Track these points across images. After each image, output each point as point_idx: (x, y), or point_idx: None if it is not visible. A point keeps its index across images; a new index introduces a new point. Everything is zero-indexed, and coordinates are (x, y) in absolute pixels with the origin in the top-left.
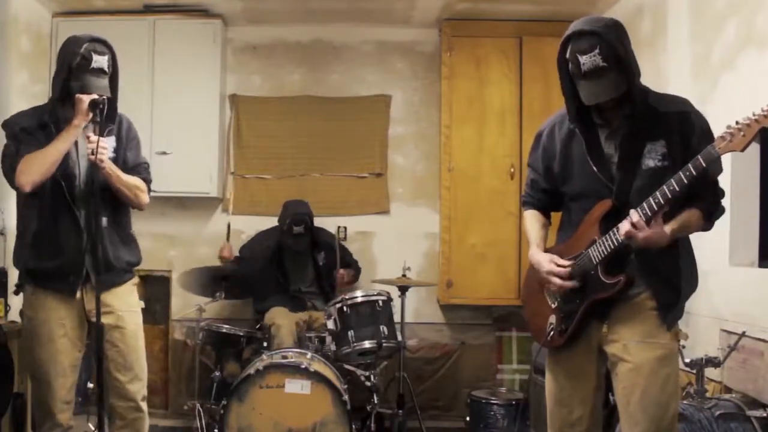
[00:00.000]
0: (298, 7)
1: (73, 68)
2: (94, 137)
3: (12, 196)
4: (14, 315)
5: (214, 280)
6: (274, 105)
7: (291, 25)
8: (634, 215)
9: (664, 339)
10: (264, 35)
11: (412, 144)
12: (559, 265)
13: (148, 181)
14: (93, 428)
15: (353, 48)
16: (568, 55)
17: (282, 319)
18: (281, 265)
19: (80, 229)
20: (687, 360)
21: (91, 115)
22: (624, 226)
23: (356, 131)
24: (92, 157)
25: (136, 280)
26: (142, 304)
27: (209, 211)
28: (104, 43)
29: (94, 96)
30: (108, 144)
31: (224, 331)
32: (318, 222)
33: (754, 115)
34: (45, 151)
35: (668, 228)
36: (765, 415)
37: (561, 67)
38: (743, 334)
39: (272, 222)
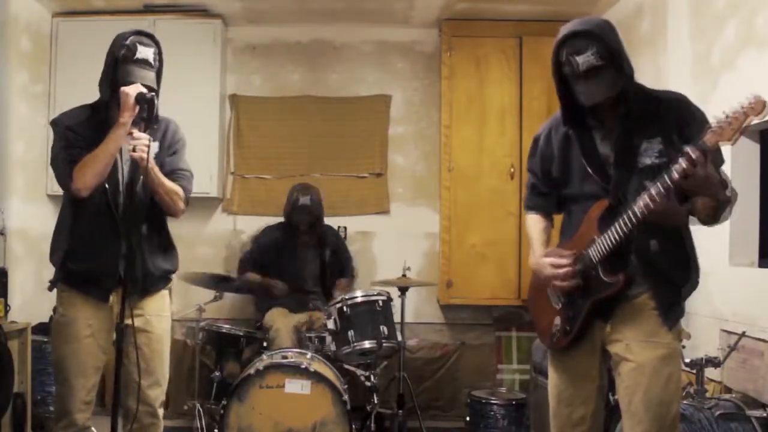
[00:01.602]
0: (298, 7)
1: (118, 60)
2: (139, 134)
3: (12, 196)
4: (14, 315)
5: (215, 281)
6: (274, 105)
7: (291, 25)
8: (695, 151)
9: (666, 338)
10: (264, 35)
11: (412, 144)
12: (558, 265)
13: (187, 190)
14: (94, 429)
15: (353, 48)
16: (562, 58)
17: (281, 323)
18: (291, 258)
19: (118, 235)
20: (687, 360)
21: (137, 109)
22: (681, 165)
23: (356, 131)
24: (134, 154)
25: (170, 285)
26: (172, 308)
27: (209, 211)
28: (150, 36)
29: (141, 89)
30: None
31: (224, 331)
32: None
33: (741, 106)
34: (95, 155)
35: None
36: (765, 415)
37: (555, 71)
38: (743, 334)
39: (273, 221)
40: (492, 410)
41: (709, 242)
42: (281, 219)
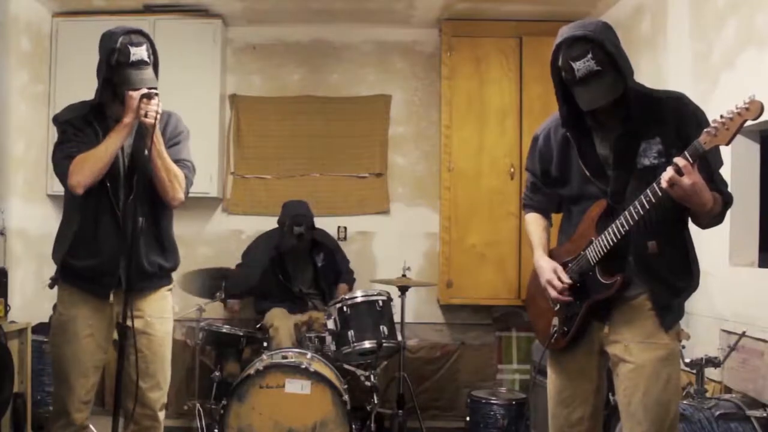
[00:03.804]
0: (298, 7)
1: (112, 65)
2: (152, 100)
3: (12, 196)
4: (14, 315)
5: (214, 281)
6: (274, 105)
7: (291, 25)
8: (680, 160)
9: (664, 339)
10: (264, 35)
11: (412, 144)
12: (560, 279)
13: (188, 179)
14: (93, 428)
15: (353, 48)
16: (560, 63)
17: (280, 321)
18: (282, 266)
19: (120, 231)
20: (687, 360)
21: (142, 111)
22: (667, 173)
23: (356, 131)
24: (146, 119)
25: (171, 285)
26: (175, 309)
27: (209, 211)
28: (140, 32)
29: (145, 91)
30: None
31: (224, 331)
32: (318, 222)
33: (736, 108)
34: (96, 152)
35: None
36: (765, 415)
37: (554, 74)
38: (743, 334)
39: (272, 222)
40: (492, 410)
41: (709, 242)
42: (275, 223)
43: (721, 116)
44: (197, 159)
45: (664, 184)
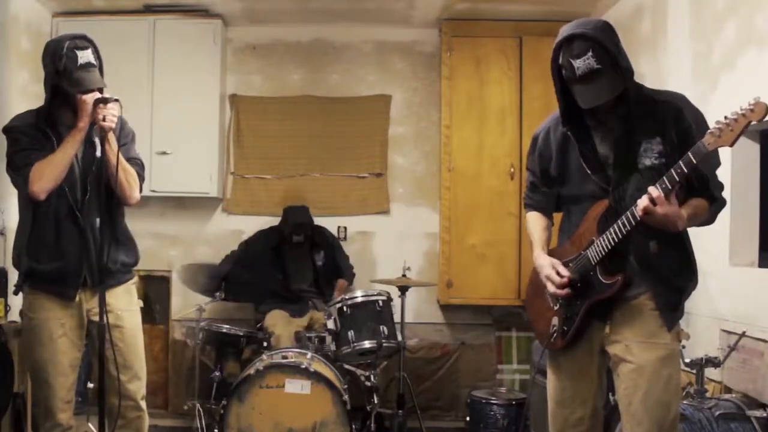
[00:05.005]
0: (298, 7)
1: (60, 71)
2: (110, 104)
3: (12, 196)
4: (14, 315)
5: (214, 280)
6: (274, 105)
7: (291, 25)
8: (654, 190)
9: (665, 339)
10: (264, 35)
11: (412, 144)
12: (559, 273)
13: (140, 176)
14: (93, 428)
15: (353, 48)
16: (561, 61)
17: (282, 329)
18: (282, 266)
19: (82, 233)
20: (687, 360)
21: (99, 116)
22: (642, 202)
23: (356, 131)
24: (104, 123)
25: (135, 279)
26: (140, 303)
27: (209, 211)
28: (83, 37)
29: (98, 95)
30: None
31: (224, 331)
32: (318, 222)
33: (741, 109)
34: (54, 158)
35: (683, 211)
36: (765, 415)
37: (554, 73)
38: (743, 334)
39: (272, 222)
40: (492, 410)
41: (709, 242)
42: (274, 222)
43: (726, 117)
44: (197, 159)
45: (639, 213)
